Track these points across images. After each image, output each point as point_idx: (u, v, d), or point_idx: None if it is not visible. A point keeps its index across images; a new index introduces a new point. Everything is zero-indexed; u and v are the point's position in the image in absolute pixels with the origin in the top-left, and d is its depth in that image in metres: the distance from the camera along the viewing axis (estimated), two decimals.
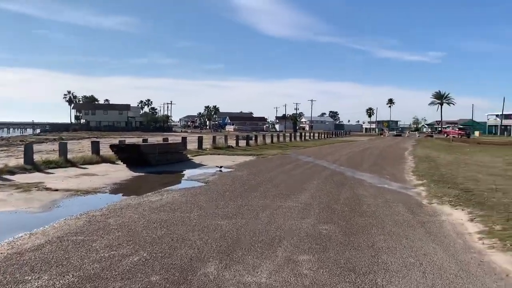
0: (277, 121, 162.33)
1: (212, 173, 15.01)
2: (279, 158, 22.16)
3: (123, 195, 10.65)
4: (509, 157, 22.98)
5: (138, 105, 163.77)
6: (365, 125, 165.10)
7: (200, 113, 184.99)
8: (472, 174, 14.65)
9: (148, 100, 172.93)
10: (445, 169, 16.55)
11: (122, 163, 17.37)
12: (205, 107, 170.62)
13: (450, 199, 9.58)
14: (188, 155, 22.22)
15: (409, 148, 34.98)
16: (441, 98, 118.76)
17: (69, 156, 17.78)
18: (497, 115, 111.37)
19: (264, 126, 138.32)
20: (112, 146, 17.90)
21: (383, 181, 13.24)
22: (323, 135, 68.18)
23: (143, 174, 14.85)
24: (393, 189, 11.56)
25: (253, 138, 37.23)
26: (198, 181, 12.88)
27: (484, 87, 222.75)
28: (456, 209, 8.53)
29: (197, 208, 8.49)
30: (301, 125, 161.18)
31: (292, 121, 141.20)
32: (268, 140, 40.64)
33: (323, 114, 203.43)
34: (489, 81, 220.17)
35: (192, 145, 29.39)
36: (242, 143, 35.55)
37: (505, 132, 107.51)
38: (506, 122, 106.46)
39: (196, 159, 20.76)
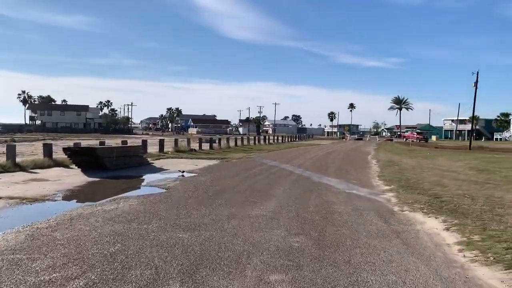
0: (241, 124, 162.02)
1: (173, 178, 14.21)
2: (243, 162, 21.58)
3: (75, 203, 9.73)
4: (468, 161, 23.48)
5: (97, 106, 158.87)
6: (327, 129, 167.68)
7: (162, 115, 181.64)
8: (437, 179, 14.63)
9: (108, 101, 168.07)
10: (410, 174, 16.51)
11: (77, 167, 16.24)
12: (167, 109, 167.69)
13: (422, 206, 9.32)
14: (149, 159, 21.24)
15: (372, 152, 35.32)
16: (400, 103, 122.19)
17: (18, 159, 16.44)
18: (452, 120, 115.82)
19: (228, 129, 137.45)
20: (65, 149, 16.70)
21: (351, 186, 12.92)
22: (286, 139, 68.30)
23: (99, 179, 13.86)
24: (362, 195, 11.23)
25: (217, 141, 36.49)
26: (158, 187, 12.07)
27: (440, 93, 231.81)
28: (429, 217, 8.23)
29: (156, 218, 7.75)
30: (264, 128, 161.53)
31: (255, 124, 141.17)
32: (232, 143, 40.01)
33: (286, 117, 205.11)
34: (445, 87, 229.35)
35: (153, 148, 28.31)
36: (206, 146, 34.73)
37: (460, 137, 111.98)
38: (461, 127, 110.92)
39: (157, 163, 19.84)
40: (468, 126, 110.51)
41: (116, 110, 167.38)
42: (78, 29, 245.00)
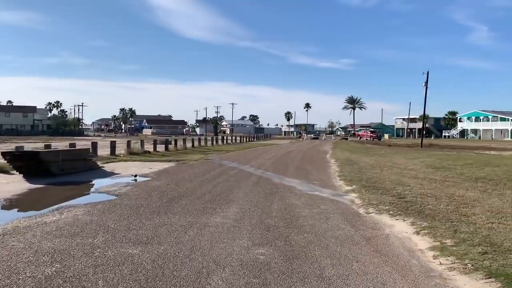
0: (198, 124, 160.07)
1: (125, 183, 13.25)
2: (201, 164, 20.80)
3: (11, 215, 8.65)
4: (424, 159, 23.92)
5: (46, 107, 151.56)
6: (284, 129, 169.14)
7: (115, 116, 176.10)
8: (397, 178, 14.57)
9: (57, 102, 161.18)
10: (370, 173, 16.42)
11: (18, 173, 14.86)
12: (120, 109, 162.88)
13: (387, 207, 9.02)
14: (99, 163, 20.01)
15: (329, 151, 35.51)
16: (353, 103, 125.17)
17: None
18: (403, 119, 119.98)
19: (184, 130, 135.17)
20: (4, 154, 15.24)
21: (314, 187, 12.54)
22: (244, 139, 67.85)
23: (42, 186, 12.69)
24: (325, 196, 10.84)
25: (173, 143, 35.36)
26: (107, 194, 11.13)
27: (391, 93, 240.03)
28: (397, 219, 7.92)
29: (103, 230, 6.92)
30: (222, 128, 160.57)
31: (213, 124, 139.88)
32: (189, 144, 38.97)
33: (243, 117, 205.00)
34: (396, 88, 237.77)
35: (104, 150, 26.90)
36: (161, 148, 33.56)
37: (411, 135, 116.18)
38: (411, 125, 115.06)
39: (108, 167, 18.67)
40: (418, 125, 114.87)
41: (66, 111, 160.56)
42: (25, 27, 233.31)
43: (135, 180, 14.31)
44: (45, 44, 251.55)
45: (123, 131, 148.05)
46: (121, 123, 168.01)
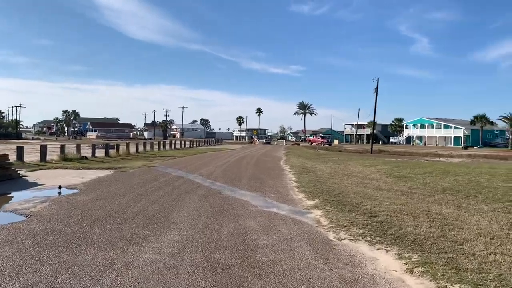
0: (146, 128, 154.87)
1: (44, 197, 10.89)
2: (143, 172, 18.53)
3: None
4: (380, 167, 23.03)
5: None
6: (236, 133, 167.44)
7: (57, 118, 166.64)
8: (361, 189, 13.21)
9: None
10: (330, 183, 14.99)
11: None
12: (63, 111, 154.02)
13: (361, 230, 7.46)
14: (23, 170, 17.31)
15: (283, 157, 34.15)
16: (304, 109, 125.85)
17: None
18: (352, 125, 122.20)
19: (131, 134, 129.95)
20: None
21: (270, 202, 10.82)
22: (194, 143, 65.37)
23: None
24: (285, 215, 9.14)
25: (115, 147, 32.54)
26: (15, 214, 8.82)
27: (340, 99, 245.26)
28: (377, 249, 6.34)
29: None
30: (172, 132, 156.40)
31: (162, 128, 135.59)
32: (133, 149, 36.21)
33: (194, 121, 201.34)
34: (345, 94, 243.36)
35: (35, 156, 23.94)
36: (101, 153, 30.72)
37: (359, 141, 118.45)
38: (360, 131, 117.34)
39: (32, 176, 16.04)
40: (366, 131, 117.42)
41: (3, 113, 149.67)
42: None
43: (59, 193, 11.97)
44: None
45: (66, 134, 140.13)
46: (64, 126, 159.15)
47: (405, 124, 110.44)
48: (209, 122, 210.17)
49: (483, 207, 9.92)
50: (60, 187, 12.66)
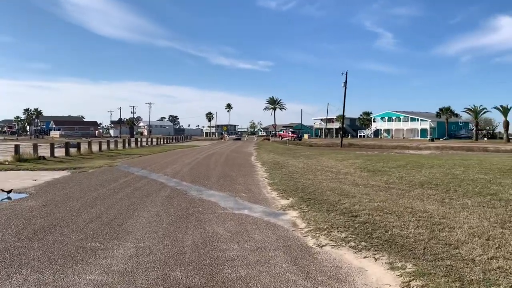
0: (112, 126, 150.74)
1: None
2: (103, 172, 17.19)
3: None
4: (353, 161, 22.52)
5: None
6: (205, 129, 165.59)
7: (18, 117, 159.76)
8: (336, 185, 12.47)
9: None
10: (304, 179, 14.21)
11: None
12: (24, 110, 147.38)
13: (343, 234, 6.64)
14: None
15: (253, 153, 33.28)
16: (274, 104, 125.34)
17: None
18: (321, 119, 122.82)
19: (97, 132, 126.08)
20: None
21: (241, 203, 9.88)
22: (162, 141, 63.64)
23: None
24: (258, 217, 8.23)
25: (76, 146, 30.78)
26: None
27: (308, 94, 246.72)
28: (364, 257, 5.52)
29: None
30: (139, 130, 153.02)
31: (129, 126, 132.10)
32: (96, 148, 34.48)
33: (162, 118, 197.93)
34: (313, 90, 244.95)
35: None
36: (61, 152, 28.96)
37: (328, 135, 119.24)
38: (329, 125, 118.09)
39: None
40: (335, 125, 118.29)
41: None
42: None
43: (9, 198, 10.64)
44: None
45: (28, 133, 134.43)
46: (26, 124, 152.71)
47: (373, 118, 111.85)
48: (178, 118, 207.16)
49: (467, 202, 9.33)
50: (8, 191, 11.26)
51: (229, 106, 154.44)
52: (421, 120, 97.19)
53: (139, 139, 50.78)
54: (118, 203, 9.68)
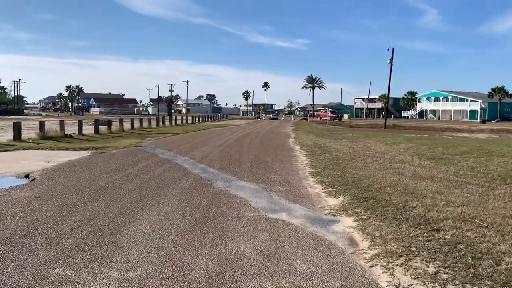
0: (152, 103, 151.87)
1: None
2: (125, 154, 15.52)
3: None
4: (405, 145, 19.86)
5: None
6: (242, 108, 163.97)
7: (60, 94, 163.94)
8: (395, 178, 10.09)
9: None
10: (352, 167, 11.89)
11: None
12: (66, 87, 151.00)
13: (431, 267, 4.37)
14: None
15: (291, 134, 31.00)
16: (313, 82, 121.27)
17: None
18: (362, 99, 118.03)
19: (136, 109, 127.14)
20: None
21: (277, 201, 7.75)
22: (197, 119, 62.37)
23: None
24: (299, 226, 6.08)
25: (106, 124, 29.59)
26: None
27: (347, 73, 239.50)
28: None
29: None
30: (177, 108, 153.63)
31: (167, 103, 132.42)
32: (128, 126, 33.29)
33: (200, 96, 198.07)
34: (352, 68, 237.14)
35: (25, 133, 21.17)
36: (90, 130, 27.85)
37: (370, 115, 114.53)
38: (371, 105, 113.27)
39: None
40: (377, 105, 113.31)
41: (6, 88, 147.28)
42: None
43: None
44: None
45: (70, 110, 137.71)
46: (68, 101, 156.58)
47: (418, 98, 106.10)
48: (215, 97, 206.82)
49: None
50: (27, 176, 9.67)
51: (266, 85, 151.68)
52: (471, 100, 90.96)
53: (173, 118, 49.55)
54: (124, 197, 7.79)
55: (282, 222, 6.27)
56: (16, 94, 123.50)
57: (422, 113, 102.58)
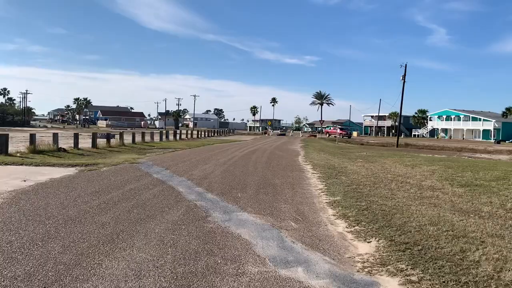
0: (159, 117, 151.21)
1: None
2: (116, 172, 13.77)
3: None
4: (427, 167, 17.93)
5: None
6: (250, 124, 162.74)
7: (68, 106, 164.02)
8: (433, 211, 8.22)
9: (5, 89, 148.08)
10: (378, 196, 10.02)
11: None
12: (74, 99, 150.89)
13: None
14: None
15: (300, 152, 29.16)
16: (321, 98, 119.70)
17: None
18: (372, 116, 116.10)
19: (142, 122, 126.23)
20: None
21: (290, 246, 5.90)
22: (204, 134, 60.80)
23: None
24: None
25: (106, 137, 28.00)
26: None
27: (355, 91, 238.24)
28: None
29: None
30: (185, 122, 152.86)
31: (173, 117, 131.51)
32: (129, 139, 31.71)
33: (208, 111, 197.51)
34: (360, 86, 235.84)
35: (23, 145, 19.46)
36: (87, 143, 26.27)
37: (379, 133, 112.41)
38: (380, 123, 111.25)
39: None
40: (387, 123, 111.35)
41: (14, 100, 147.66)
42: None
43: None
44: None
45: (77, 122, 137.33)
46: (76, 113, 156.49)
47: (429, 116, 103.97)
48: (223, 112, 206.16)
49: None
50: None
51: (274, 101, 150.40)
52: (484, 120, 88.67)
53: (177, 132, 48.01)
54: (92, 235, 5.99)
55: (299, 285, 4.42)
56: (24, 106, 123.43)
57: (433, 132, 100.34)
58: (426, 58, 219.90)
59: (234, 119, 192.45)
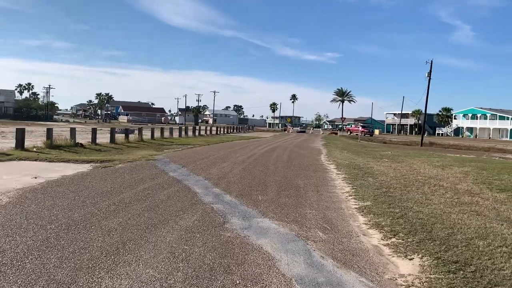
0: (180, 113, 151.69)
1: None
2: (131, 170, 13.20)
3: None
4: (459, 168, 16.81)
5: (16, 89, 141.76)
6: (269, 120, 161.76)
7: (90, 101, 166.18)
8: (477, 222, 7.30)
9: (29, 84, 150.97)
10: (410, 201, 9.12)
11: None
12: (96, 94, 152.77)
13: None
14: None
15: (322, 150, 28.22)
16: (342, 95, 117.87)
17: None
18: (395, 114, 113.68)
19: (163, 118, 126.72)
20: None
21: (319, 262, 5.11)
22: (223, 130, 60.28)
23: None
24: None
25: (124, 132, 27.65)
26: None
27: (376, 88, 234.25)
28: None
29: None
30: (204, 118, 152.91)
31: (193, 113, 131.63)
32: (148, 135, 31.33)
33: (227, 107, 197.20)
34: (382, 83, 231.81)
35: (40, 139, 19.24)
36: (106, 139, 25.95)
37: (402, 131, 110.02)
38: (403, 121, 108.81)
39: None
40: (410, 120, 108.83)
41: (38, 94, 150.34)
42: (6, 8, 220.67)
43: None
44: (26, 26, 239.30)
45: (99, 117, 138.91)
46: (97, 109, 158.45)
47: (453, 115, 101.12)
48: (242, 108, 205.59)
49: None
50: None
51: (294, 97, 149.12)
52: None
53: (197, 128, 47.56)
54: (95, 244, 5.34)
55: None
56: (47, 101, 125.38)
57: (457, 131, 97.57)
58: (450, 55, 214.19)
59: (253, 116, 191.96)
